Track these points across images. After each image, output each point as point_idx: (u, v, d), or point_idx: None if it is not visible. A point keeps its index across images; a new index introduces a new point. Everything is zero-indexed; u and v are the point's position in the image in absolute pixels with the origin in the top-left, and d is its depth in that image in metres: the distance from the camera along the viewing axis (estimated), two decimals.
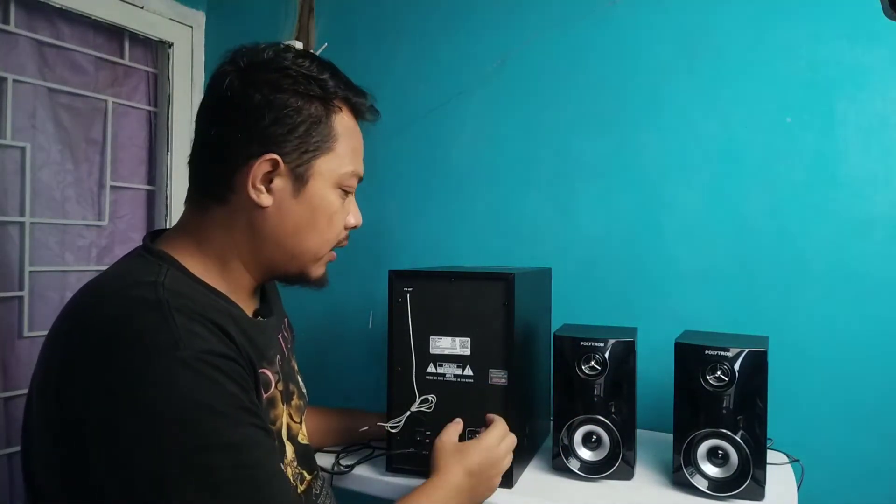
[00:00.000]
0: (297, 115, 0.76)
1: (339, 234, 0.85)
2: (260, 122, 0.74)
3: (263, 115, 0.74)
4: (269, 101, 0.74)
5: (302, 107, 0.76)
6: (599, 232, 1.34)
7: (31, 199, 1.46)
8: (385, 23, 1.57)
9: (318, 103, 0.78)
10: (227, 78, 0.76)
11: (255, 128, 0.74)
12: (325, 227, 0.81)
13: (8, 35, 1.42)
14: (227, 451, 0.62)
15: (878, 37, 1.13)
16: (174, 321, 0.63)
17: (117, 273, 0.74)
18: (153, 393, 0.60)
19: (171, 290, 0.67)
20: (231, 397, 0.64)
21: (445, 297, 0.99)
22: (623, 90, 1.32)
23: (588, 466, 1.00)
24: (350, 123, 0.83)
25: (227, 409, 0.63)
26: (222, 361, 0.65)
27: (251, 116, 0.74)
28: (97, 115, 1.61)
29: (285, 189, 0.77)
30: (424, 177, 1.52)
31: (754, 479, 0.91)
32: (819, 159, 1.17)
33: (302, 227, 0.79)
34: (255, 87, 0.75)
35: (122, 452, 0.60)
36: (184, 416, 0.60)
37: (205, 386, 0.62)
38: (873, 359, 1.13)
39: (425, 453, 0.99)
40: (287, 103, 0.75)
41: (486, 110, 1.46)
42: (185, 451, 0.60)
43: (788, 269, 1.19)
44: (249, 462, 0.63)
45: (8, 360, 1.44)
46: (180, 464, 0.59)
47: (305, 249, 0.81)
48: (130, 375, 0.60)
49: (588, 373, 0.99)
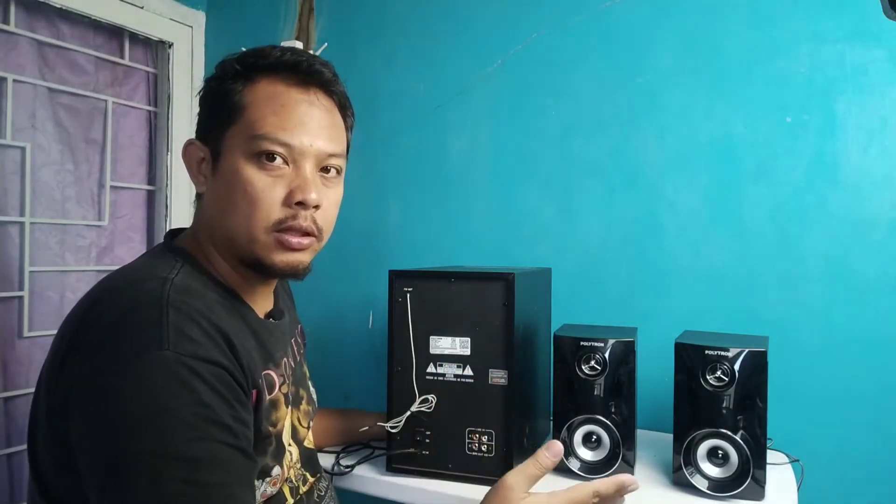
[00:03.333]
0: (212, 96, 0.78)
1: (271, 211, 0.74)
2: (202, 111, 0.80)
3: (205, 104, 0.79)
4: (204, 95, 0.79)
5: (219, 87, 0.77)
6: (599, 232, 1.34)
7: (31, 199, 1.46)
8: (385, 23, 1.57)
9: (236, 80, 0.77)
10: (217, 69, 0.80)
11: (202, 115, 0.80)
12: (243, 203, 0.74)
13: (8, 35, 1.42)
14: (181, 464, 0.59)
15: (878, 37, 1.13)
16: (167, 319, 0.63)
17: (135, 267, 0.75)
18: (128, 386, 0.60)
19: (178, 286, 0.67)
20: (204, 408, 0.61)
21: (445, 297, 0.99)
22: (623, 90, 1.32)
23: (588, 466, 1.00)
24: (269, 89, 0.76)
25: (196, 420, 0.61)
26: (207, 368, 0.63)
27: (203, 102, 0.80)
28: (97, 115, 1.61)
29: (207, 170, 0.78)
30: (424, 177, 1.52)
31: (754, 479, 0.91)
32: (819, 159, 1.17)
33: (224, 206, 0.75)
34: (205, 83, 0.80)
35: (92, 439, 0.61)
36: (149, 416, 0.59)
37: (177, 391, 0.60)
38: (873, 359, 1.13)
39: (425, 453, 1.00)
40: (210, 87, 0.79)
41: (486, 110, 1.46)
42: (141, 454, 0.59)
43: (788, 269, 1.19)
44: (204, 481, 0.60)
45: (8, 360, 1.44)
46: (133, 462, 0.59)
47: (234, 231, 0.75)
48: (112, 367, 0.61)
49: (588, 373, 1.00)
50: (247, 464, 0.65)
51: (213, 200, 0.77)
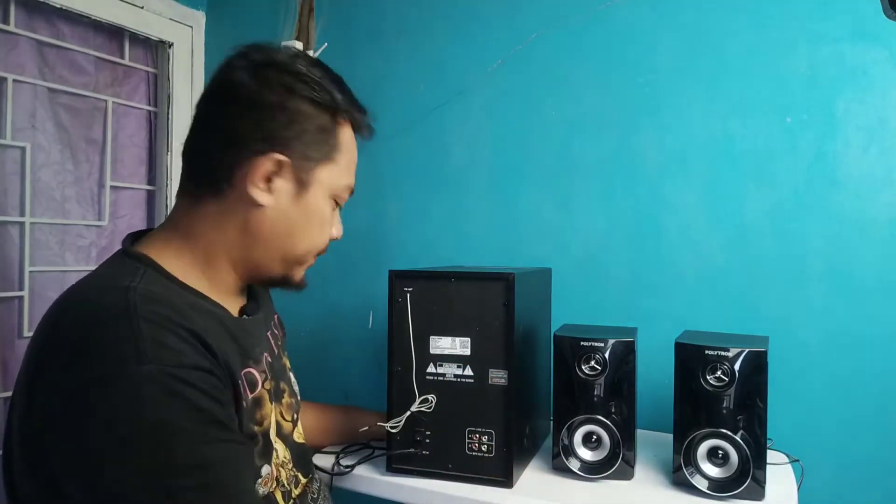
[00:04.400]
0: (307, 121, 0.77)
1: (325, 243, 0.85)
2: (271, 121, 0.74)
3: (275, 115, 0.75)
4: (282, 103, 0.75)
5: (312, 114, 0.77)
6: (599, 232, 1.34)
7: (31, 199, 1.46)
8: (385, 23, 1.57)
9: (326, 113, 0.79)
10: (239, 71, 0.75)
11: (265, 126, 0.74)
12: (316, 233, 0.82)
13: (8, 35, 1.42)
14: (192, 472, 0.59)
15: (878, 37, 1.13)
16: (140, 332, 0.60)
17: (94, 278, 0.72)
18: (115, 411, 0.58)
19: (144, 295, 0.65)
20: (199, 412, 0.61)
21: (445, 297, 0.99)
22: (623, 90, 1.32)
23: (588, 466, 1.00)
24: (351, 137, 0.84)
25: (194, 425, 0.60)
26: (193, 374, 0.62)
27: (264, 114, 0.74)
28: (97, 115, 1.61)
29: (286, 191, 0.77)
30: (424, 177, 1.52)
31: (754, 479, 0.91)
32: (819, 159, 1.17)
33: (296, 230, 0.79)
34: (270, 86, 0.75)
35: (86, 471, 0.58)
36: (147, 435, 0.58)
37: (169, 403, 0.59)
38: (873, 359, 1.13)
39: (425, 453, 1.00)
40: (299, 108, 0.76)
41: (486, 110, 1.46)
42: (148, 472, 0.58)
43: (788, 269, 1.19)
44: (215, 482, 0.60)
45: (8, 360, 1.44)
46: (144, 485, 0.57)
47: (295, 253, 0.81)
48: (93, 392, 0.58)
49: (588, 373, 0.99)
50: (245, 452, 0.66)
51: (283, 220, 0.78)
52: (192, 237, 0.77)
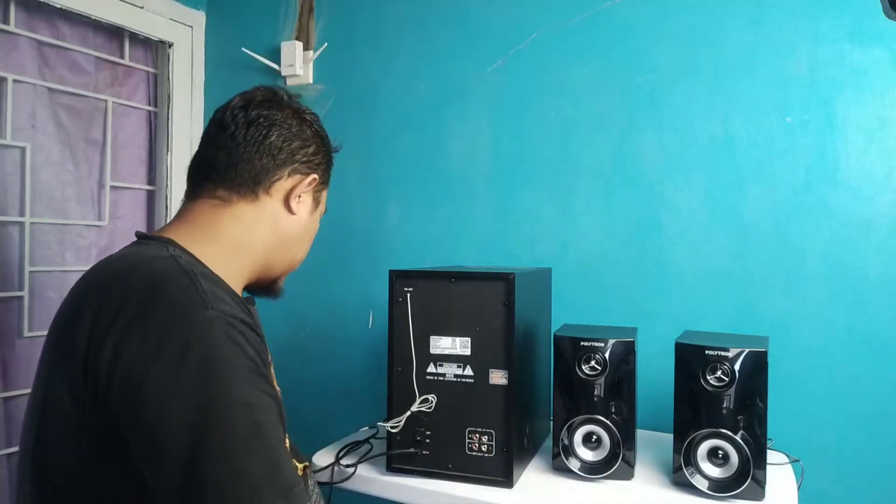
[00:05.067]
0: (325, 152, 0.93)
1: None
2: (308, 148, 0.89)
3: (310, 143, 0.90)
4: (315, 135, 0.91)
5: (327, 147, 0.94)
6: (599, 232, 1.34)
7: (31, 199, 1.46)
8: (385, 23, 1.57)
9: (331, 147, 0.96)
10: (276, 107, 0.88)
11: (304, 152, 0.89)
12: (308, 245, 0.96)
13: (8, 35, 1.43)
14: (244, 408, 0.64)
15: (878, 37, 1.13)
16: (201, 285, 0.68)
17: (124, 255, 0.76)
18: (184, 342, 0.64)
19: (189, 261, 0.73)
20: (249, 360, 0.67)
21: (445, 297, 0.99)
22: (623, 90, 1.32)
23: (588, 466, 1.00)
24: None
25: (245, 371, 0.66)
26: (244, 327, 0.69)
27: (303, 142, 0.89)
28: (97, 115, 1.61)
29: (307, 205, 0.91)
30: (424, 177, 1.52)
31: (754, 479, 0.91)
32: (819, 159, 1.17)
33: (305, 240, 0.94)
34: (303, 122, 0.90)
35: (168, 399, 0.62)
36: (212, 367, 0.63)
37: (228, 345, 0.65)
38: (873, 359, 1.13)
39: (425, 453, 1.00)
40: (323, 142, 0.93)
41: (486, 110, 1.46)
42: (206, 401, 0.62)
43: (788, 269, 1.19)
44: (262, 422, 0.65)
45: (8, 360, 1.44)
46: (203, 413, 0.62)
47: (297, 259, 0.95)
48: (164, 329, 0.64)
49: (588, 373, 0.99)
50: (279, 409, 0.71)
51: (299, 228, 0.91)
52: (218, 233, 0.83)
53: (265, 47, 1.70)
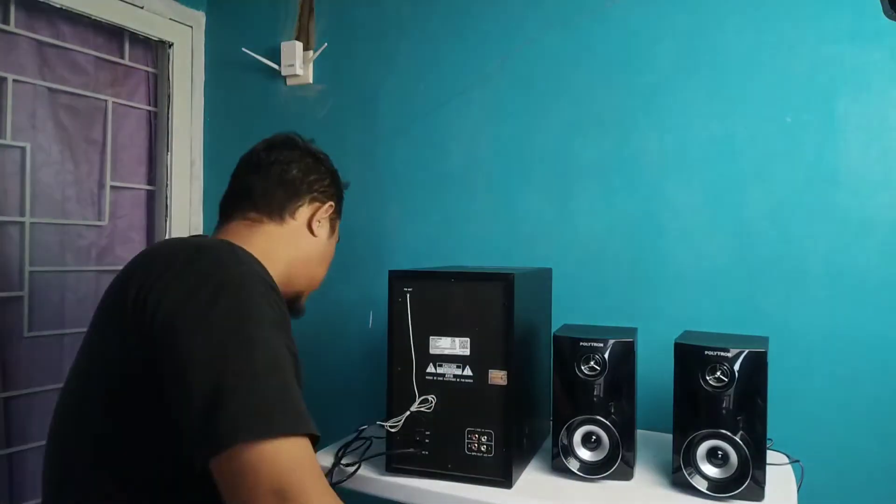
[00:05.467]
0: (337, 187, 1.09)
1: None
2: (324, 181, 1.05)
3: (325, 177, 1.06)
4: (328, 171, 1.07)
5: (338, 183, 1.10)
6: (599, 232, 1.34)
7: (31, 199, 1.46)
8: (385, 23, 1.57)
9: (340, 184, 1.11)
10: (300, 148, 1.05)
11: (324, 183, 1.05)
12: (326, 266, 1.10)
13: (8, 35, 1.43)
14: (264, 347, 0.70)
15: (878, 37, 1.13)
16: (242, 251, 0.81)
17: (183, 237, 0.89)
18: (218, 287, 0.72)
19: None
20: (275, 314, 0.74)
21: (445, 297, 0.99)
22: (623, 90, 1.32)
23: (587, 467, 1.00)
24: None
25: (269, 322, 0.73)
26: (274, 293, 0.77)
27: (323, 176, 1.05)
28: (97, 115, 1.61)
29: (325, 229, 1.06)
30: (424, 177, 1.52)
31: (754, 479, 0.91)
32: (819, 159, 1.17)
33: (324, 262, 1.08)
34: (318, 159, 1.06)
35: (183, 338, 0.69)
36: (238, 311, 0.71)
37: (256, 297, 0.74)
38: (873, 359, 1.13)
39: (425, 453, 1.00)
40: (334, 177, 1.09)
41: (486, 110, 1.46)
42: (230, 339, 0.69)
43: (788, 269, 1.19)
44: (279, 359, 0.71)
45: (8, 360, 1.44)
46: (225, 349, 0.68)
47: (317, 279, 1.09)
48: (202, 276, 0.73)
49: (588, 373, 0.99)
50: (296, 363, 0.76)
51: (319, 249, 1.05)
52: (250, 244, 0.92)
53: (265, 47, 1.70)
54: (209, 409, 0.64)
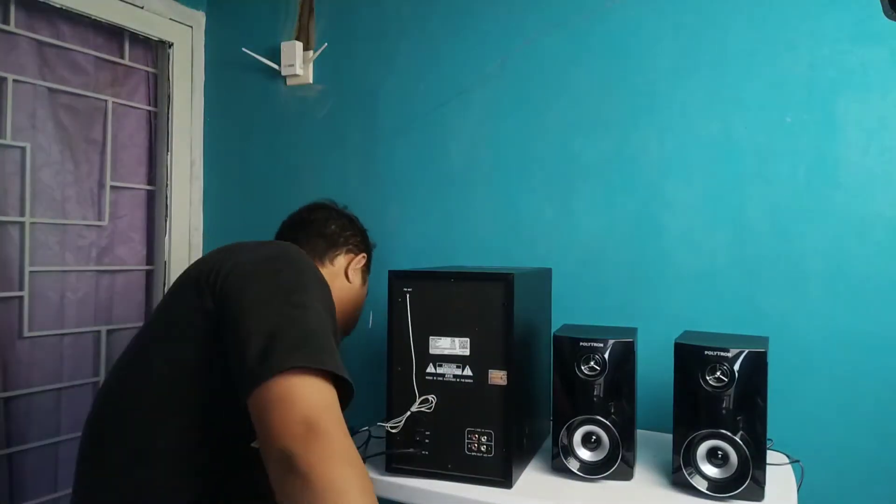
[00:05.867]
0: (367, 244, 1.24)
1: None
2: (357, 237, 1.21)
3: (358, 234, 1.22)
4: (359, 230, 1.23)
5: (367, 241, 1.25)
6: (599, 232, 1.34)
7: (31, 199, 1.46)
8: (385, 23, 1.57)
9: (369, 242, 1.26)
10: (330, 206, 1.24)
11: (358, 239, 1.21)
12: (359, 312, 1.24)
13: (8, 35, 1.43)
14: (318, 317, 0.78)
15: (878, 37, 1.13)
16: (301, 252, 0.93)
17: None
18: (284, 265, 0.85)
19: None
20: (329, 304, 0.84)
21: (445, 297, 0.99)
22: (623, 90, 1.32)
23: (587, 467, 1.00)
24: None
25: (323, 306, 0.81)
26: (330, 293, 0.87)
27: (353, 231, 1.21)
28: (97, 115, 1.61)
29: (359, 277, 1.20)
30: (424, 177, 1.52)
31: (754, 479, 0.91)
32: (819, 159, 1.17)
33: (357, 307, 1.23)
34: (351, 219, 1.23)
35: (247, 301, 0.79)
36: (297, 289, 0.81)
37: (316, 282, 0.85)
38: (873, 359, 1.13)
39: (425, 453, 1.00)
40: (364, 235, 1.24)
41: (486, 110, 1.46)
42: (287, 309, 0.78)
43: (788, 269, 1.19)
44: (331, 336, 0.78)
45: (8, 360, 1.44)
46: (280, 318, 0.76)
47: (351, 319, 1.22)
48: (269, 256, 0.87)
49: (588, 373, 0.99)
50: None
51: (353, 295, 1.19)
52: None
53: (265, 47, 1.70)
54: (262, 350, 0.72)
